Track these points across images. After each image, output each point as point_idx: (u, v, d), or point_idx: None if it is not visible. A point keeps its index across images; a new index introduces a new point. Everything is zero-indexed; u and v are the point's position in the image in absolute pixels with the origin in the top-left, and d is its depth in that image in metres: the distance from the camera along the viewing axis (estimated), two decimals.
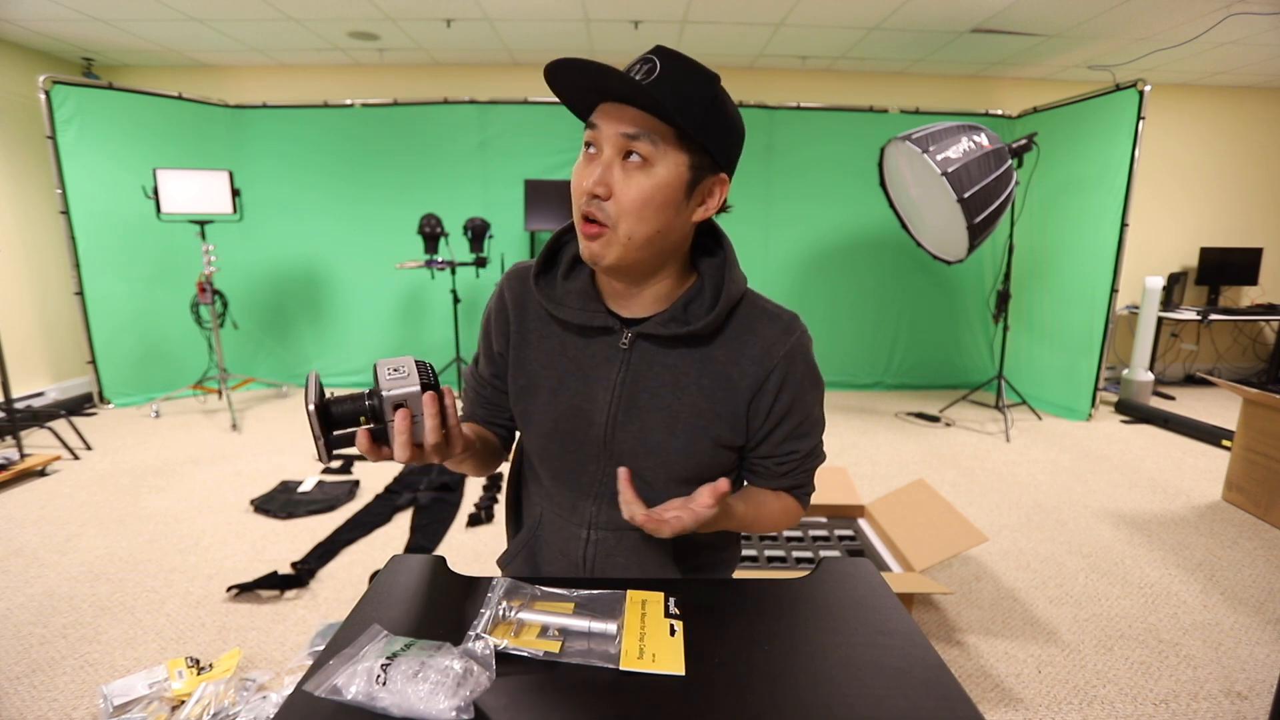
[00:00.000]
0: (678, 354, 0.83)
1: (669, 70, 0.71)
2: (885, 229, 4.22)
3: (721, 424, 0.84)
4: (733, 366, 0.83)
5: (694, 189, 0.77)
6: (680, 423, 0.83)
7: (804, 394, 0.86)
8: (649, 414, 0.83)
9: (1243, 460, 2.69)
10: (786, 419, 0.86)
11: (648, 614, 0.70)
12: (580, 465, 0.87)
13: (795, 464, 0.89)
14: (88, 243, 3.85)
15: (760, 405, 0.84)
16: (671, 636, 0.67)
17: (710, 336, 0.83)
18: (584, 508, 0.88)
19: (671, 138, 0.73)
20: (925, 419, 3.99)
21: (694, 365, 0.83)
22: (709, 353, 0.83)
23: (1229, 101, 4.73)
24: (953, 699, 0.59)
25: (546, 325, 0.88)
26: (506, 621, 0.67)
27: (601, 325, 0.84)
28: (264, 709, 1.45)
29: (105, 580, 2.05)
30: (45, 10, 3.40)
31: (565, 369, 0.86)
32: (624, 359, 0.84)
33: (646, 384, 0.83)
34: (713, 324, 0.81)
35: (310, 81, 4.49)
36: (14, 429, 2.96)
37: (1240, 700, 1.57)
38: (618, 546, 0.88)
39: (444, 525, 2.48)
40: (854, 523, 2.19)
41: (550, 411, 0.86)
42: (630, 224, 0.74)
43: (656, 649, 0.65)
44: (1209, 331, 5.04)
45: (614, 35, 3.87)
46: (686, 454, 0.84)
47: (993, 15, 3.45)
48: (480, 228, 4.07)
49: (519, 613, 0.68)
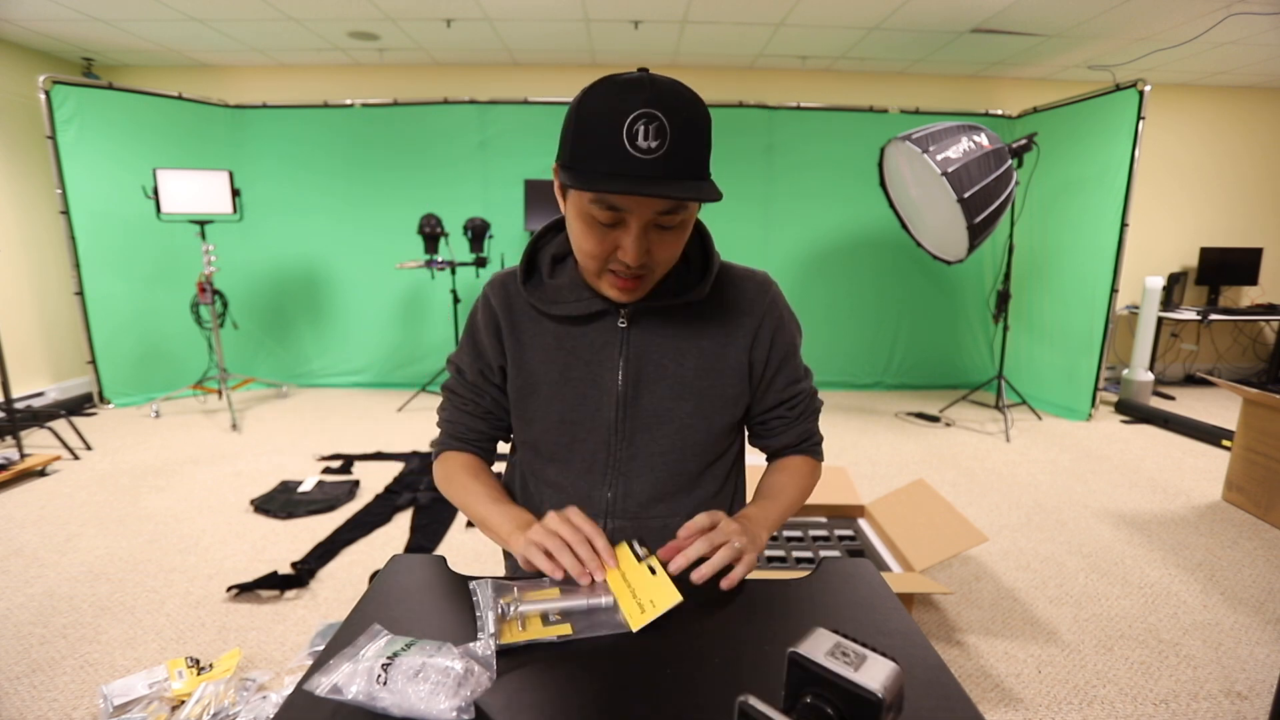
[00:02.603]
0: (675, 324, 0.87)
1: (679, 133, 0.68)
2: (885, 229, 4.23)
3: (727, 379, 0.88)
4: (727, 321, 0.88)
5: None
6: (688, 387, 0.87)
7: (793, 336, 0.93)
8: (658, 384, 0.86)
9: (1243, 460, 2.69)
10: (785, 362, 0.92)
11: (625, 571, 0.72)
12: (592, 452, 0.88)
13: (803, 405, 0.95)
14: (88, 243, 3.85)
15: (758, 352, 0.89)
16: (654, 575, 0.70)
17: (702, 304, 0.87)
18: (600, 496, 0.89)
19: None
20: (925, 419, 3.99)
21: (690, 331, 0.87)
22: (702, 314, 0.88)
23: (1229, 101, 4.73)
24: (953, 699, 0.59)
25: (538, 324, 0.88)
26: (510, 619, 0.67)
27: (599, 310, 0.85)
28: (264, 709, 1.45)
29: (105, 580, 2.05)
30: (45, 10, 3.40)
31: (565, 360, 0.87)
32: (624, 337, 0.86)
33: (650, 356, 0.86)
34: (704, 291, 0.85)
35: (310, 81, 4.49)
36: (14, 429, 2.96)
37: (1240, 700, 1.57)
38: (637, 535, 0.88)
39: (444, 525, 2.48)
40: (854, 523, 2.18)
41: (556, 404, 0.87)
42: (662, 270, 0.80)
43: (651, 595, 0.68)
44: (1209, 331, 5.04)
45: (614, 35, 3.88)
46: (700, 416, 0.87)
47: (993, 15, 3.45)
48: (480, 228, 4.07)
49: (520, 607, 0.68)
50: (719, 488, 0.94)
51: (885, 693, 0.42)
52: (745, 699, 0.43)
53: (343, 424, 3.78)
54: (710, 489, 0.93)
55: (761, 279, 0.91)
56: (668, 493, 0.89)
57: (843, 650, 0.46)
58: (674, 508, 0.90)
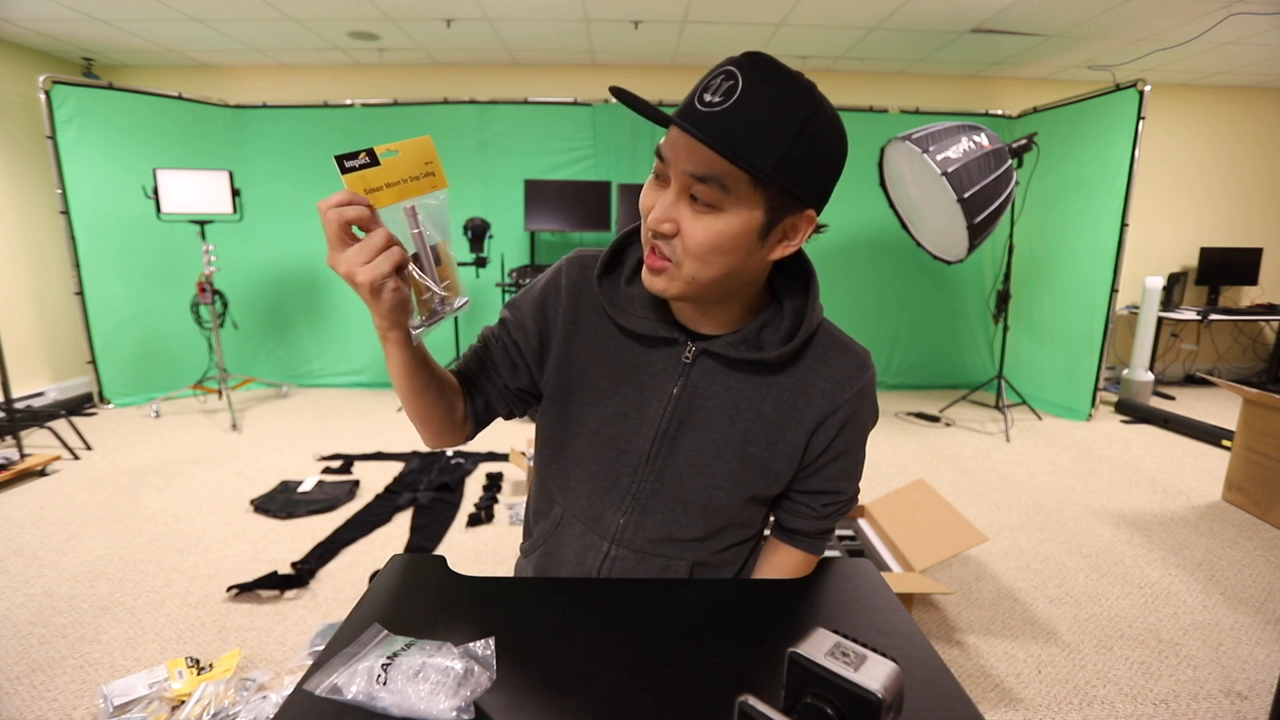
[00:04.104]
0: (741, 377, 0.79)
1: (752, 92, 0.61)
2: (885, 229, 4.22)
3: (776, 453, 0.80)
4: (801, 397, 0.79)
5: (771, 229, 0.69)
6: (732, 447, 0.80)
7: (864, 431, 0.84)
8: (701, 433, 0.80)
9: (1243, 460, 2.68)
10: (843, 455, 0.83)
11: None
12: (616, 475, 0.82)
13: (838, 507, 0.87)
14: (88, 243, 3.85)
15: (821, 438, 0.81)
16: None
17: (780, 366, 0.79)
18: (611, 519, 0.84)
19: (745, 180, 0.65)
20: (925, 419, 3.99)
21: (756, 391, 0.79)
22: (776, 380, 0.79)
23: (1229, 101, 4.72)
24: (953, 699, 0.59)
25: (602, 322, 0.83)
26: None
27: (666, 336, 0.79)
28: (264, 709, 1.45)
29: (105, 580, 2.05)
30: (45, 10, 3.40)
31: (618, 372, 0.82)
32: (684, 373, 0.80)
33: (704, 403, 0.79)
34: (786, 355, 0.77)
35: (310, 81, 4.49)
36: (14, 429, 2.96)
37: (1240, 700, 1.57)
38: (635, 568, 0.85)
39: (444, 525, 2.48)
40: (854, 523, 2.18)
41: (596, 413, 0.82)
42: (694, 267, 0.69)
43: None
44: (1209, 331, 5.04)
45: (614, 35, 3.87)
46: (736, 481, 0.80)
47: (993, 15, 3.45)
48: (480, 228, 4.07)
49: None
50: (731, 546, 0.89)
51: (885, 693, 0.42)
52: (745, 699, 0.43)
53: (343, 424, 3.78)
54: (724, 544, 0.88)
55: (861, 358, 0.81)
56: (681, 538, 0.84)
57: (843, 650, 0.46)
58: (681, 552, 0.85)
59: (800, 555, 0.89)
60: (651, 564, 0.85)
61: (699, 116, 0.62)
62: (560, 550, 0.90)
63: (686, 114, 0.64)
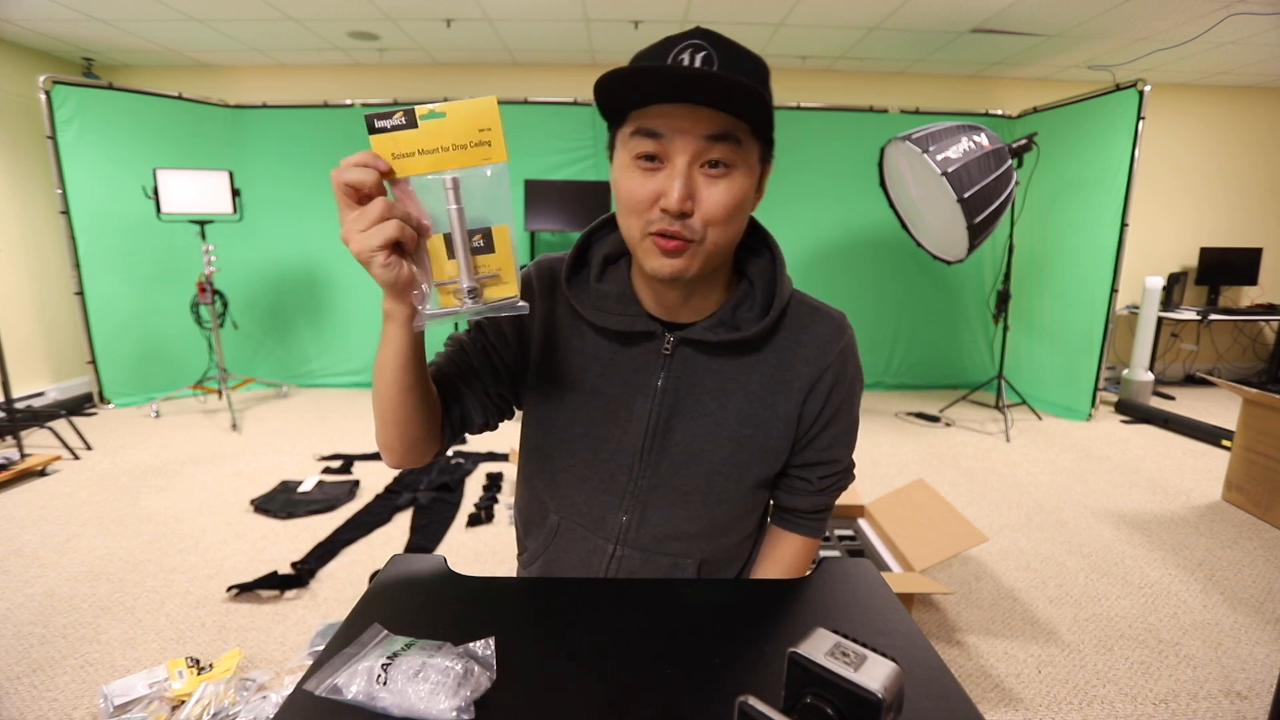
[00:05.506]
0: (724, 360, 0.79)
1: (729, 55, 0.64)
2: (885, 229, 4.22)
3: (770, 428, 0.80)
4: (785, 368, 0.80)
5: (761, 181, 0.74)
6: (725, 431, 0.79)
7: (853, 394, 0.84)
8: (693, 421, 0.79)
9: (1243, 460, 2.68)
10: (835, 420, 0.83)
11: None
12: (612, 475, 0.81)
13: (835, 478, 0.87)
14: (88, 243, 3.85)
15: (813, 405, 0.81)
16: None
17: (760, 342, 0.80)
18: (613, 520, 0.83)
19: (748, 133, 0.67)
20: (925, 419, 3.99)
21: (741, 371, 0.79)
22: (759, 357, 0.80)
23: (1229, 101, 4.73)
24: (953, 699, 0.59)
25: (575, 325, 0.82)
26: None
27: (644, 330, 0.79)
28: (264, 709, 1.45)
29: (105, 580, 2.05)
30: (45, 10, 3.40)
31: (598, 374, 0.81)
32: (665, 365, 0.79)
33: (690, 391, 0.79)
34: (765, 330, 0.78)
35: (310, 81, 4.49)
36: (14, 429, 2.96)
37: (1240, 700, 1.57)
38: (643, 567, 0.84)
39: (444, 525, 2.48)
40: (854, 523, 2.18)
41: (583, 415, 0.81)
42: (718, 233, 0.69)
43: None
44: (1209, 331, 5.04)
45: (614, 35, 3.87)
46: (734, 464, 0.80)
47: (993, 15, 3.45)
48: None
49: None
50: (739, 540, 0.89)
51: (885, 693, 0.42)
52: (745, 699, 0.43)
53: (343, 424, 3.78)
54: (731, 539, 0.87)
55: (838, 321, 0.82)
56: (686, 533, 0.83)
57: (843, 650, 0.46)
58: (688, 548, 0.84)
59: (800, 541, 0.89)
60: (658, 563, 0.84)
61: (703, 78, 0.61)
62: (563, 557, 0.88)
63: (689, 82, 0.62)
